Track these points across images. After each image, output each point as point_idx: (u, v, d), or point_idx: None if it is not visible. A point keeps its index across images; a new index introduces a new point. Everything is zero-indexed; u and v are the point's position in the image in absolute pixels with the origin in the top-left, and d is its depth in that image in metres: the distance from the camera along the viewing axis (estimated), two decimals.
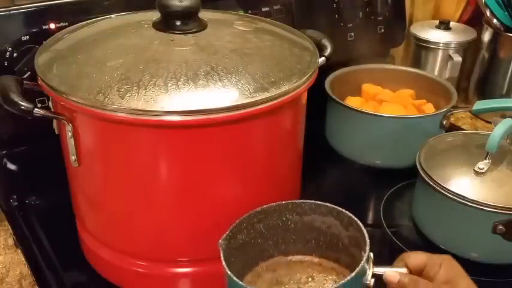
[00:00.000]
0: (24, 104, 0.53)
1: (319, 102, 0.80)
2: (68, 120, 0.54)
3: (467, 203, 0.63)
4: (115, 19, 0.67)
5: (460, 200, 0.64)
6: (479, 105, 0.82)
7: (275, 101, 0.53)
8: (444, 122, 0.82)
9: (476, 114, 1.02)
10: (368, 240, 0.51)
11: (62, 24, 0.70)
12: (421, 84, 0.91)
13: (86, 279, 0.66)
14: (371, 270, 0.51)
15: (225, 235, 0.52)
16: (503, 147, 0.69)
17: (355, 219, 0.55)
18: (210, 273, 0.60)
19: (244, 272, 0.57)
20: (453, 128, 0.93)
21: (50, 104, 0.60)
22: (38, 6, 0.71)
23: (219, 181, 0.55)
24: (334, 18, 0.93)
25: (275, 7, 0.85)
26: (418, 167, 0.69)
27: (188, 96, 0.50)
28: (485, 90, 1.03)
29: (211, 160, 0.54)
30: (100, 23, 0.65)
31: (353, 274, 0.48)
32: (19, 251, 0.70)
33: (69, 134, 0.55)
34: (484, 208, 0.63)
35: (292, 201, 0.57)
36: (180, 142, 0.52)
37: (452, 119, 0.93)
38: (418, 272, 0.52)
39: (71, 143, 0.55)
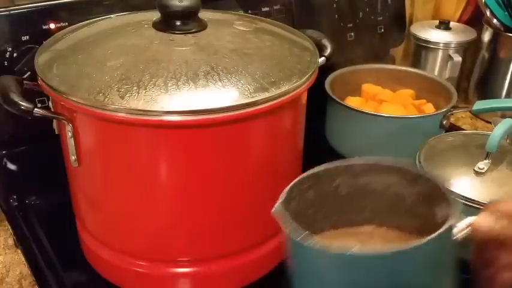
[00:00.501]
0: (24, 104, 0.53)
1: (319, 102, 0.80)
2: (68, 120, 0.54)
3: (467, 203, 0.63)
4: (115, 19, 0.67)
5: (460, 200, 0.64)
6: (479, 105, 0.82)
7: (275, 101, 0.53)
8: (444, 122, 0.82)
9: (476, 114, 1.02)
10: (452, 188, 0.45)
11: (62, 24, 0.70)
12: (421, 84, 0.91)
13: (86, 279, 0.66)
14: (462, 220, 0.44)
15: (280, 201, 0.47)
16: (503, 147, 0.69)
17: (425, 170, 0.49)
18: (210, 273, 0.60)
19: None
20: (453, 128, 0.92)
21: (50, 104, 0.60)
22: (38, 6, 0.71)
23: (219, 181, 0.55)
24: (334, 18, 0.93)
25: (275, 7, 0.85)
26: (418, 167, 0.69)
27: (188, 96, 0.50)
28: (485, 90, 1.03)
29: (211, 160, 0.54)
30: (100, 23, 0.65)
31: (447, 225, 0.42)
32: (19, 251, 0.70)
33: (69, 134, 0.55)
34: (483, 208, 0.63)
35: (345, 162, 0.50)
36: (180, 142, 0.52)
37: (452, 119, 0.93)
38: (508, 219, 0.45)
39: (71, 143, 0.55)
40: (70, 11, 0.72)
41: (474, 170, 0.66)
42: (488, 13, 0.97)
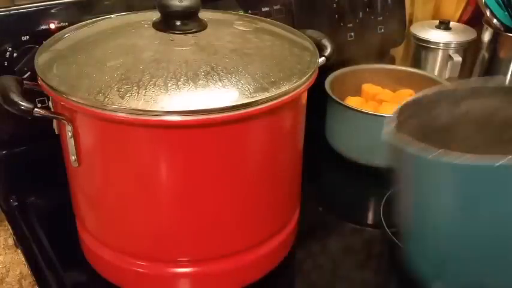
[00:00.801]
0: (24, 104, 0.53)
1: (319, 102, 0.80)
2: (68, 120, 0.54)
3: None
4: (115, 19, 0.67)
5: None
6: None
7: (275, 101, 0.53)
8: None
9: None
10: None
11: (62, 24, 0.70)
12: (421, 84, 0.91)
13: (86, 279, 0.66)
14: None
15: (392, 125, 0.45)
16: None
17: None
18: (210, 273, 0.60)
19: None
20: None
21: (50, 104, 0.60)
22: (38, 6, 0.71)
23: (219, 181, 0.55)
24: (334, 18, 0.93)
25: (275, 7, 0.85)
26: None
27: (188, 96, 0.50)
28: None
29: (211, 160, 0.54)
30: (100, 23, 0.65)
31: None
32: (19, 251, 0.70)
33: (69, 134, 0.55)
34: None
35: (446, 87, 0.47)
36: (180, 142, 0.52)
37: None
38: None
39: (71, 143, 0.55)
40: (70, 11, 0.72)
41: None
42: (488, 13, 0.97)
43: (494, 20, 0.98)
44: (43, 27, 0.70)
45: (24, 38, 0.69)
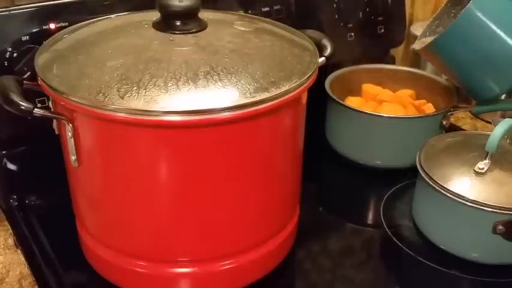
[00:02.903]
0: (24, 104, 0.53)
1: (319, 102, 0.80)
2: (68, 120, 0.54)
3: (467, 203, 0.63)
4: (115, 19, 0.67)
5: (460, 200, 0.64)
6: (480, 105, 0.82)
7: (275, 101, 0.53)
8: (444, 122, 0.82)
9: (477, 114, 1.02)
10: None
11: (62, 24, 0.70)
12: (421, 84, 0.91)
13: (86, 279, 0.66)
14: None
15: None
16: (503, 147, 0.69)
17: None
18: (210, 273, 0.60)
19: None
20: (453, 128, 0.92)
21: (50, 104, 0.60)
22: (38, 6, 0.71)
23: (219, 181, 0.55)
24: (334, 18, 0.93)
25: (275, 7, 0.85)
26: (418, 167, 0.69)
27: (188, 96, 0.50)
28: None
29: (211, 160, 0.54)
30: (100, 23, 0.65)
31: None
32: (19, 251, 0.70)
33: (69, 134, 0.55)
34: (484, 208, 0.63)
35: None
36: (180, 142, 0.52)
37: (452, 119, 0.93)
38: None
39: (71, 143, 0.55)
40: (70, 11, 0.72)
41: (474, 170, 0.66)
42: None
43: None
44: (43, 27, 0.70)
45: (24, 38, 0.69)
